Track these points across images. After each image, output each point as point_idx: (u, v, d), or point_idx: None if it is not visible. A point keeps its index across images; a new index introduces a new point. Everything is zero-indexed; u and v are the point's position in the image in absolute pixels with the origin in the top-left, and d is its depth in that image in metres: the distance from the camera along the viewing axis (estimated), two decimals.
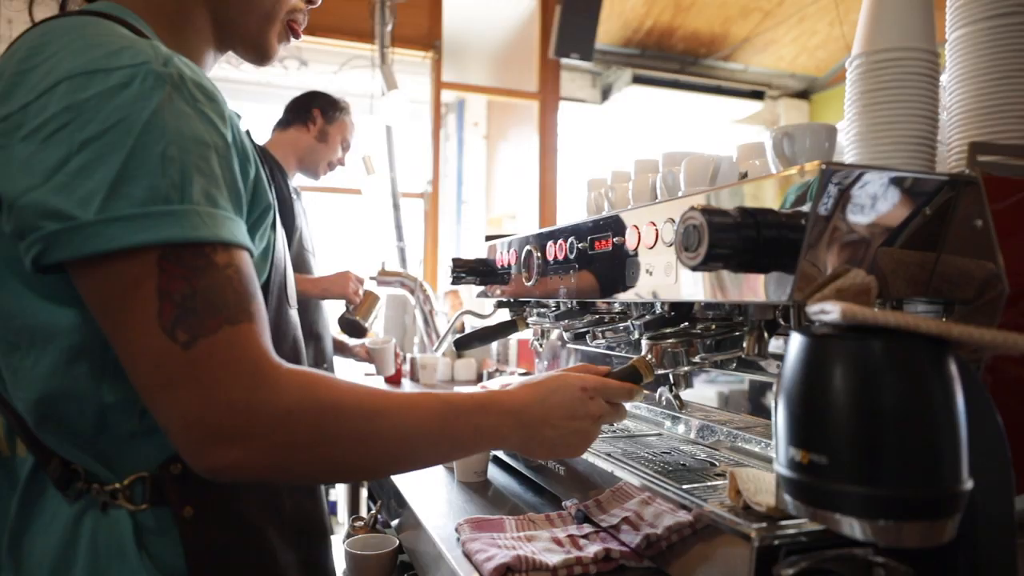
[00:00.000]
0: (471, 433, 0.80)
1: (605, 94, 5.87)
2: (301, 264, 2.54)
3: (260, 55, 0.92)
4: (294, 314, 0.98)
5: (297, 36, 0.95)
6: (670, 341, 0.99)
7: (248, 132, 0.82)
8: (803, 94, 6.33)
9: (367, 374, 2.84)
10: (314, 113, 2.67)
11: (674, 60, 5.84)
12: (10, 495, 0.77)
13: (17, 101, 0.65)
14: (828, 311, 0.61)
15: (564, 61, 5.09)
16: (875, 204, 0.71)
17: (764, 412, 1.20)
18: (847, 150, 0.86)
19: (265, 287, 0.83)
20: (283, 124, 2.70)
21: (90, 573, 0.73)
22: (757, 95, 6.00)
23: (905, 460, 0.58)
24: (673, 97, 5.77)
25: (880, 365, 0.59)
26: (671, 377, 1.05)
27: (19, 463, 0.78)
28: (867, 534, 0.60)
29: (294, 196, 2.58)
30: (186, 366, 0.63)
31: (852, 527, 0.60)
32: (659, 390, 1.20)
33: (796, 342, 0.65)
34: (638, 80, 5.57)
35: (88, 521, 0.75)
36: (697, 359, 0.99)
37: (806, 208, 0.70)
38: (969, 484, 0.59)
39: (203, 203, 0.66)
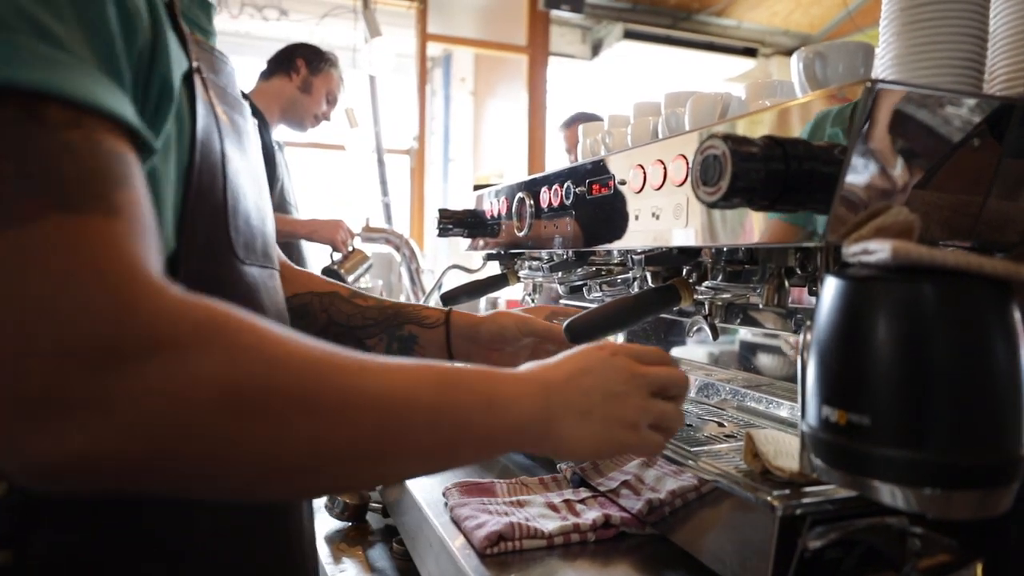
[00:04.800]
0: (481, 407, 0.54)
1: (595, 49, 5.73)
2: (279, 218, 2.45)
3: None
4: (256, 273, 0.68)
5: None
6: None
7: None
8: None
9: None
10: (298, 63, 2.58)
11: (666, 15, 5.71)
12: None
13: None
14: (874, 250, 0.53)
15: (554, 14, 4.95)
16: (923, 132, 0.62)
17: (768, 370, 1.13)
18: (883, 76, 0.77)
19: (182, 220, 0.57)
20: (266, 74, 2.62)
21: None
22: (750, 52, 5.89)
23: (959, 422, 0.51)
24: (665, 53, 5.65)
25: (935, 312, 0.51)
26: (706, 306, 0.96)
27: None
28: (911, 504, 0.53)
29: (276, 148, 2.50)
30: None
31: (894, 495, 0.53)
32: (692, 319, 1.12)
33: (833, 287, 0.57)
34: (629, 35, 5.44)
35: None
36: (729, 295, 0.91)
37: (842, 138, 0.61)
38: None
39: (26, 32, 0.41)
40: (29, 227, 0.38)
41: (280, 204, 2.46)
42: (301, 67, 2.58)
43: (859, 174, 0.61)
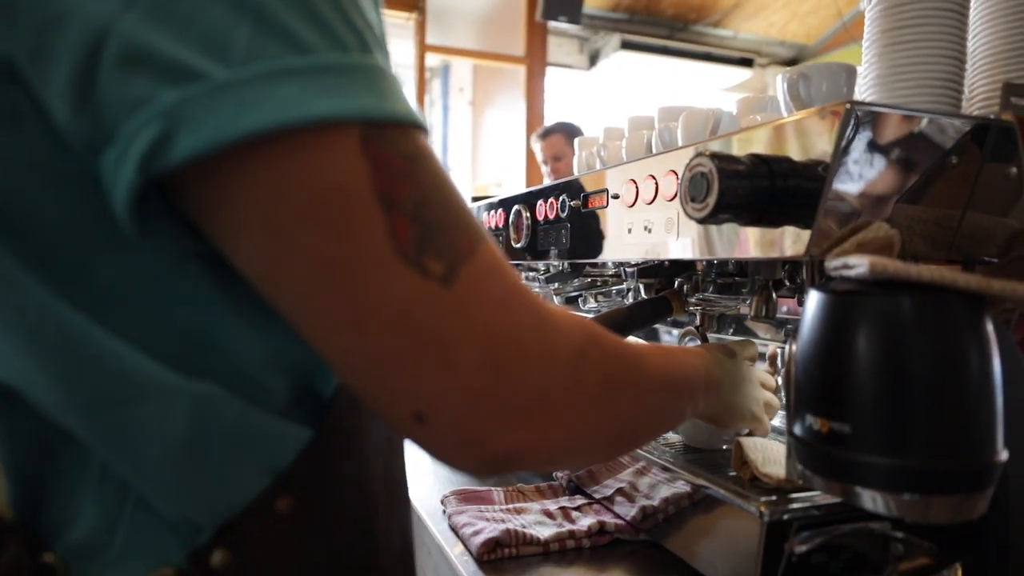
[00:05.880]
0: (692, 376, 0.67)
1: (593, 60, 5.77)
2: None
3: None
4: None
5: None
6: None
7: None
8: (792, 62, 6.25)
9: None
10: None
11: (663, 25, 5.74)
12: None
13: None
14: (853, 265, 0.55)
15: (551, 25, 4.99)
16: (901, 151, 0.65)
17: None
18: (864, 96, 0.80)
19: None
20: None
21: None
22: (746, 63, 5.93)
23: (936, 429, 0.53)
24: (661, 64, 5.68)
25: (911, 324, 0.53)
26: (698, 316, 0.99)
27: None
28: (891, 509, 0.54)
29: None
30: (455, 311, 0.40)
31: (875, 501, 0.55)
32: (684, 330, 1.14)
33: (815, 300, 0.59)
34: (626, 46, 5.47)
35: None
36: (720, 307, 0.94)
37: (826, 155, 0.64)
38: (1004, 455, 0.54)
39: (375, 56, 0.40)
40: (471, 260, 0.41)
41: None
42: None
43: (841, 191, 0.63)
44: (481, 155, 5.99)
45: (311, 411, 0.50)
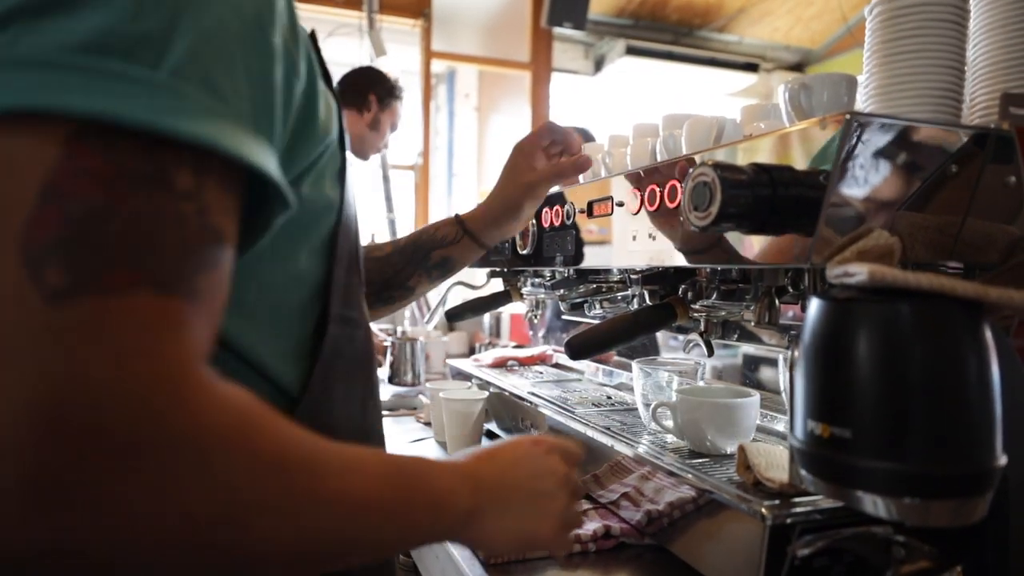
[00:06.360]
0: (425, 501, 0.53)
1: (598, 65, 5.78)
2: None
3: None
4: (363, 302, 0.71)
5: None
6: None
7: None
8: (797, 67, 6.24)
9: None
10: (370, 99, 2.43)
11: (668, 31, 5.75)
12: None
13: None
14: (853, 273, 0.56)
15: (556, 31, 5.00)
16: (901, 160, 0.66)
17: (760, 385, 1.16)
18: (865, 106, 0.81)
19: (331, 247, 0.61)
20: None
21: None
22: (751, 67, 5.92)
23: (936, 434, 0.54)
24: (667, 69, 5.68)
25: (910, 331, 0.54)
26: (702, 323, 0.99)
27: None
28: (892, 513, 0.55)
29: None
30: (39, 334, 0.34)
31: (876, 505, 0.56)
32: (688, 336, 1.15)
33: (816, 307, 0.60)
34: (631, 51, 5.48)
35: None
36: (724, 313, 0.94)
37: (827, 164, 0.65)
38: (1003, 460, 0.55)
39: (195, 84, 0.40)
40: (112, 296, 0.36)
41: None
42: (372, 104, 2.43)
43: (842, 199, 0.64)
44: (487, 160, 6.00)
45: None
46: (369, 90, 2.44)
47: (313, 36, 0.60)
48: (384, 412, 1.87)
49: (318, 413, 0.59)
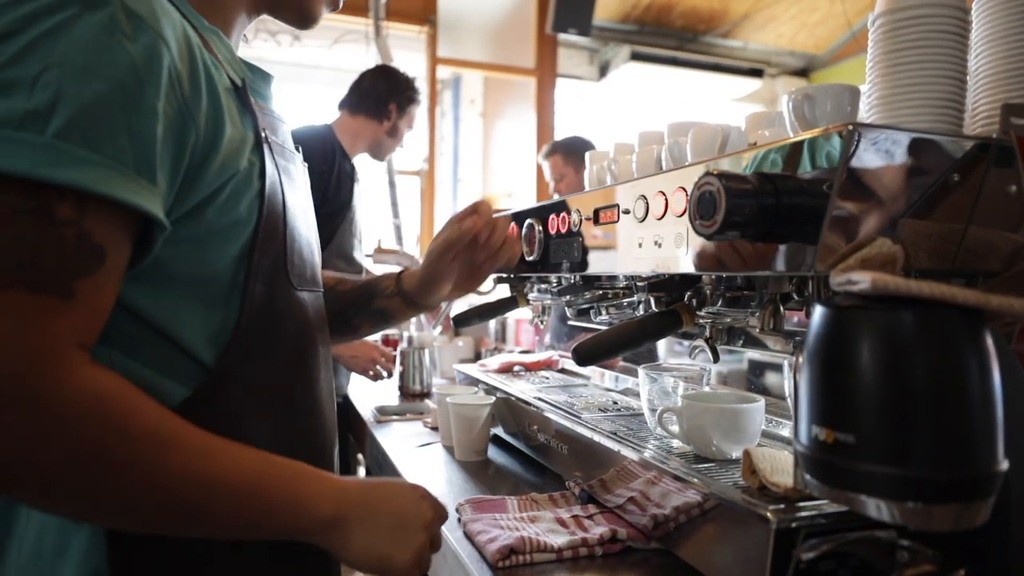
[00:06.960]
0: (287, 500, 0.65)
1: (603, 71, 5.80)
2: (342, 249, 2.35)
3: (303, 18, 0.86)
4: (306, 297, 0.82)
5: (338, 7, 0.90)
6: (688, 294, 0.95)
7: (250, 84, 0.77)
8: (802, 72, 6.26)
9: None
10: (390, 109, 2.46)
11: (672, 37, 5.77)
12: None
13: None
14: (856, 281, 0.57)
15: (561, 37, 5.02)
16: (903, 170, 0.67)
17: (766, 390, 1.17)
18: (868, 116, 0.82)
19: (249, 255, 0.71)
20: (353, 108, 2.46)
21: None
22: (756, 73, 5.93)
23: (938, 440, 0.55)
24: (671, 75, 5.69)
25: (913, 338, 0.55)
26: (708, 329, 1.00)
27: None
28: (895, 517, 0.56)
29: (354, 180, 2.41)
30: None
31: (879, 509, 0.57)
32: (694, 342, 1.15)
33: (820, 314, 0.61)
34: (636, 57, 5.49)
35: None
36: (729, 319, 0.95)
37: (829, 174, 0.66)
38: (1004, 465, 0.56)
39: (75, 143, 0.54)
40: None
41: (345, 238, 2.36)
42: (392, 113, 2.46)
43: (845, 207, 0.65)
44: (492, 166, 6.03)
45: (188, 375, 0.67)
46: (389, 100, 2.47)
47: (244, 85, 0.74)
48: (392, 416, 1.89)
49: (228, 387, 0.71)
